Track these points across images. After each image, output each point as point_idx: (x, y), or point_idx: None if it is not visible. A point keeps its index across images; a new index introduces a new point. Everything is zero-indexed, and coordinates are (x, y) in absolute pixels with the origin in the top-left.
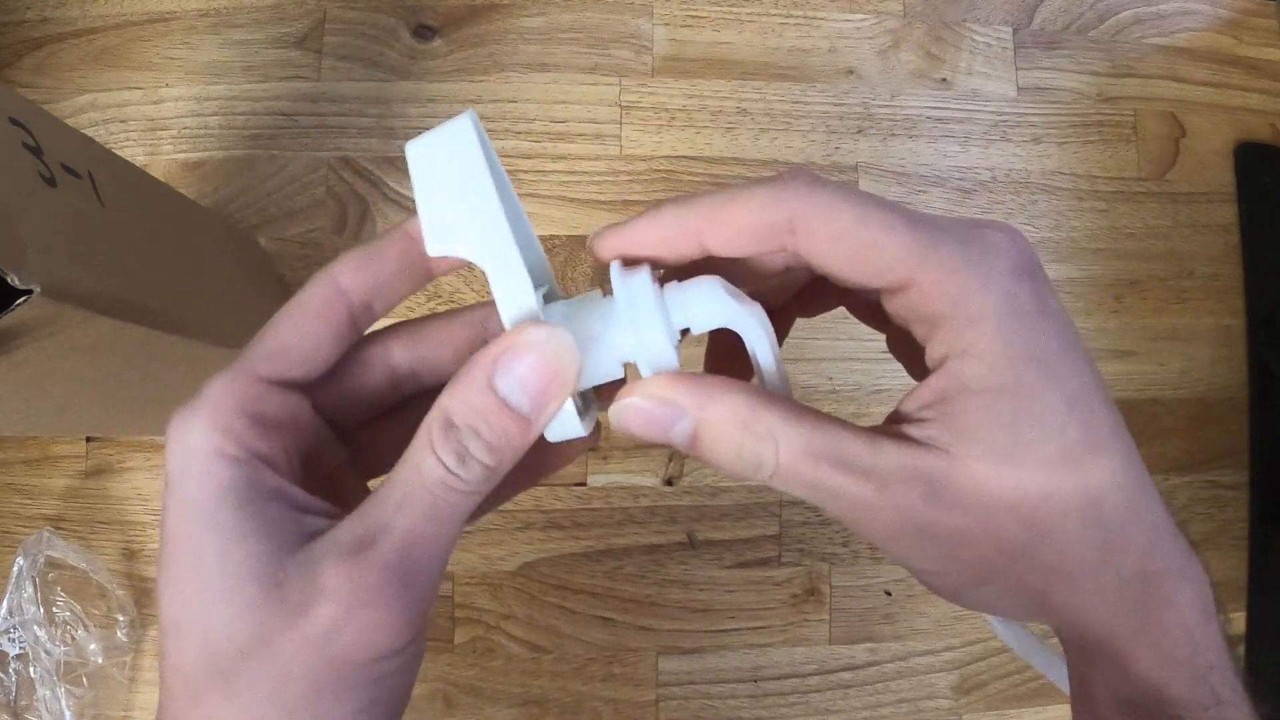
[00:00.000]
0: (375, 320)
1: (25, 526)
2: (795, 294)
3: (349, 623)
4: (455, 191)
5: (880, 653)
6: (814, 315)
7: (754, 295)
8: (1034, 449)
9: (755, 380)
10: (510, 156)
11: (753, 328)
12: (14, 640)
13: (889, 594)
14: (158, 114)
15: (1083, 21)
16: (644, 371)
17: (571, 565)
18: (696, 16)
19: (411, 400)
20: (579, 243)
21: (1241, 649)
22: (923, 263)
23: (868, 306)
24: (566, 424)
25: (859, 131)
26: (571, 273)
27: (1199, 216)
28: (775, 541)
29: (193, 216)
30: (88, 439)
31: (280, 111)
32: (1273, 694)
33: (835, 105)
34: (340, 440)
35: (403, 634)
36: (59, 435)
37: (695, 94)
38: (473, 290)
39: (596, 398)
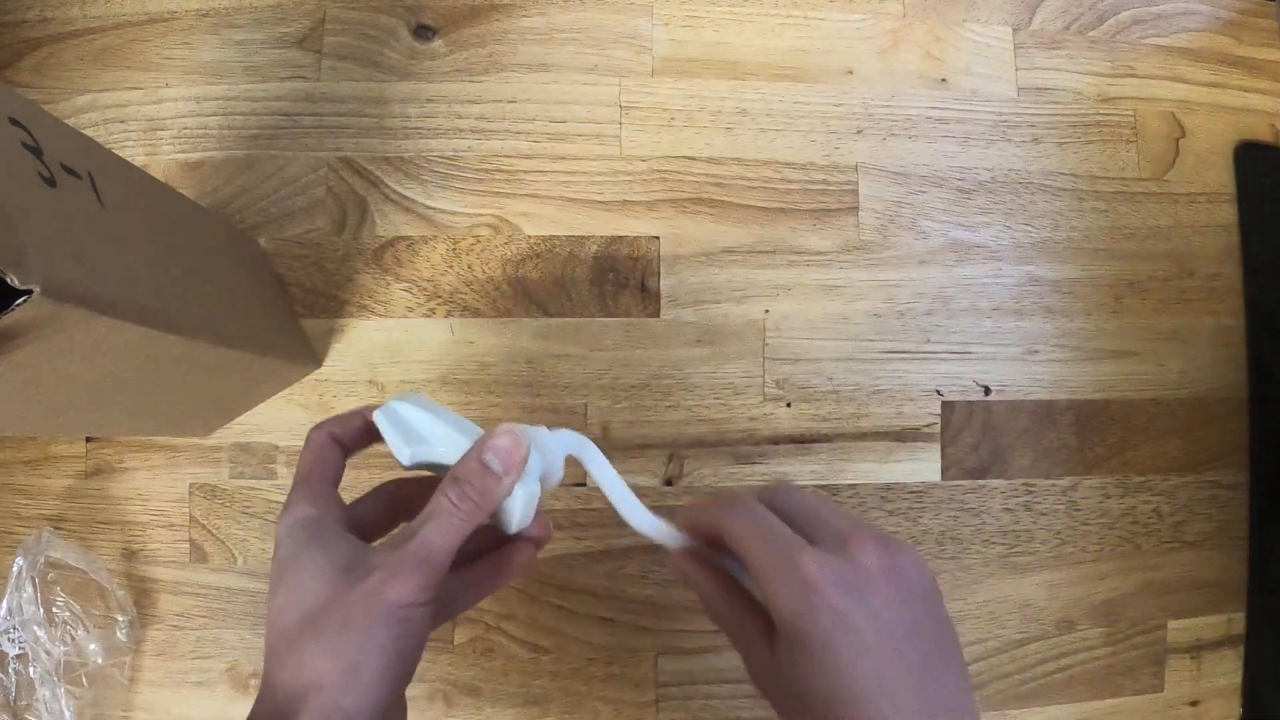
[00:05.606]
0: (349, 454)
1: (25, 526)
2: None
3: (389, 582)
4: (414, 427)
5: None
6: None
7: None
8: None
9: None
10: (510, 156)
11: (590, 452)
12: (14, 640)
13: None
14: (158, 114)
15: (1083, 21)
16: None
17: (572, 565)
18: (696, 16)
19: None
20: (579, 243)
21: (1241, 649)
22: (739, 545)
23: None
24: (524, 516)
25: (858, 131)
26: (571, 272)
27: (1199, 216)
28: None
29: (192, 216)
30: (88, 439)
31: (280, 111)
32: (1273, 694)
33: (834, 105)
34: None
35: (422, 593)
36: (59, 435)
37: (695, 94)
38: None
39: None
